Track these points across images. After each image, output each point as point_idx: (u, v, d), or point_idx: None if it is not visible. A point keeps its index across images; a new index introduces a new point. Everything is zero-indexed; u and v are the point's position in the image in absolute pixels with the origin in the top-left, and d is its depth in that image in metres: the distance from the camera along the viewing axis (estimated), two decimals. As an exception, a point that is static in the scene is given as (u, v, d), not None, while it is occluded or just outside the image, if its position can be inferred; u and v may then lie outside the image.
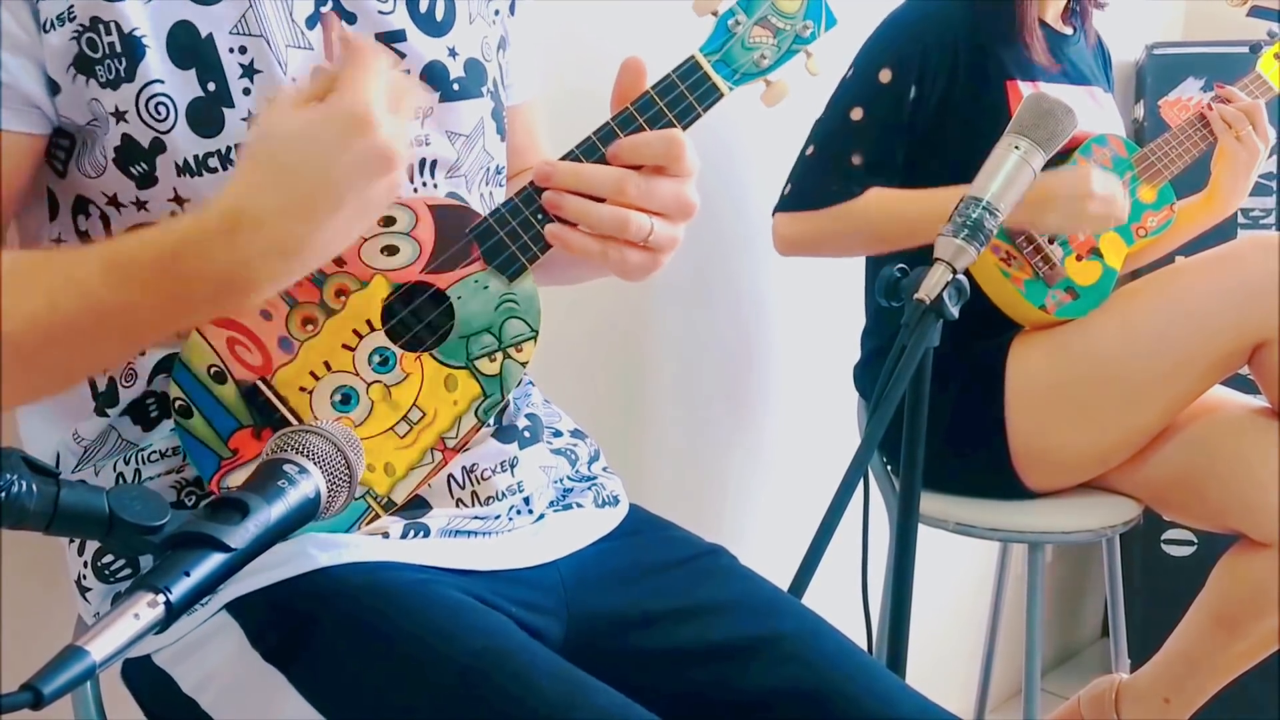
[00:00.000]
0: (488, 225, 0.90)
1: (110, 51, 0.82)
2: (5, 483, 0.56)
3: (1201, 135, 1.75)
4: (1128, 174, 1.70)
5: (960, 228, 1.09)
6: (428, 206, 0.89)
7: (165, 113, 0.83)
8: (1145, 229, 1.72)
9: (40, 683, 0.51)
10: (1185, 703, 1.69)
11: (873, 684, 0.90)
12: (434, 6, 0.96)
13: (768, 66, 0.94)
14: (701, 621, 0.94)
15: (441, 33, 0.96)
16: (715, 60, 0.92)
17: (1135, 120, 2.59)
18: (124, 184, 0.85)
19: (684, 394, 1.85)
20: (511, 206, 0.89)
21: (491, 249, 0.90)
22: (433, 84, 0.94)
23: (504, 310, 0.90)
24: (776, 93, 0.95)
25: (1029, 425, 1.63)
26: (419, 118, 0.94)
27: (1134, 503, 1.69)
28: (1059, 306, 1.62)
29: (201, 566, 0.58)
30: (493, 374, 0.90)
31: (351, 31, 0.91)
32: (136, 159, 0.84)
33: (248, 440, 0.86)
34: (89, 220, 0.88)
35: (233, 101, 0.85)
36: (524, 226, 0.89)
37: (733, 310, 1.92)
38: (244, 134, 0.85)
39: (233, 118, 0.85)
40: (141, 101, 0.83)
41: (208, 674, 0.86)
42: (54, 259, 0.81)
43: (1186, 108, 2.46)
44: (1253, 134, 1.71)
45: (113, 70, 0.82)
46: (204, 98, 0.84)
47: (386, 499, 0.89)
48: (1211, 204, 1.79)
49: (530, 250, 0.90)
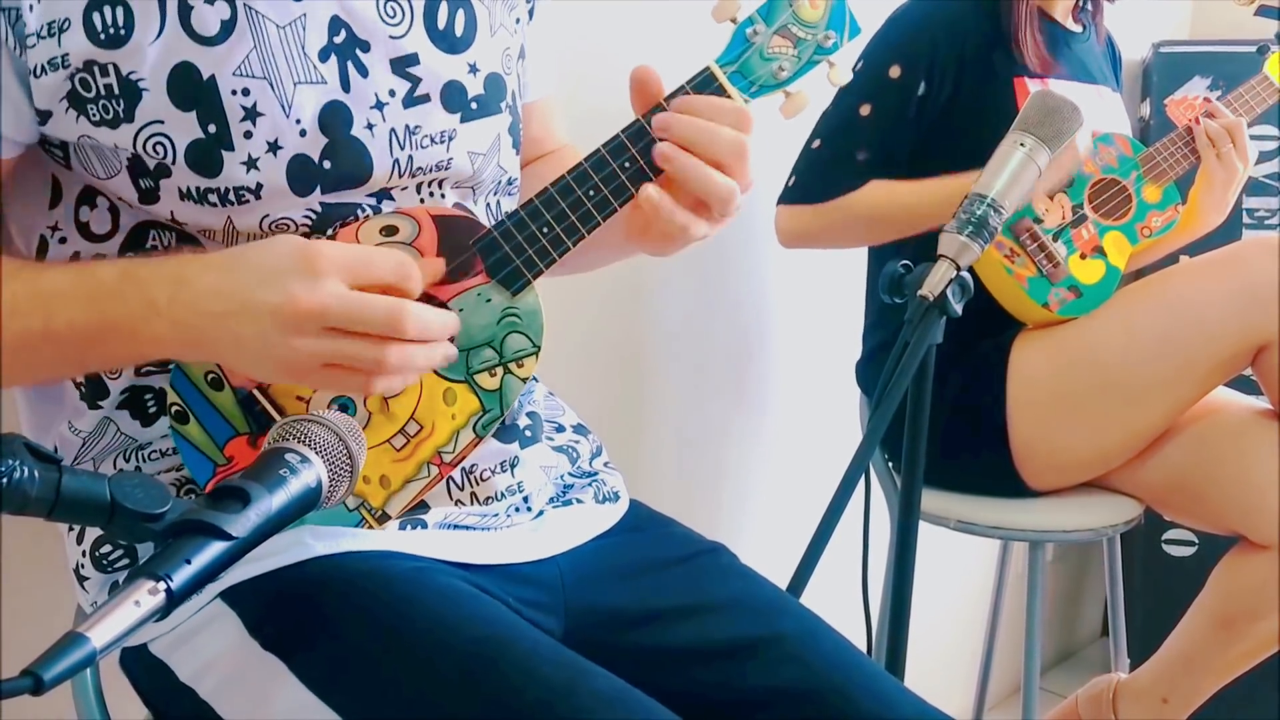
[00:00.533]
0: (492, 238, 0.87)
1: (106, 93, 0.81)
2: (7, 469, 0.56)
3: (1193, 149, 1.72)
4: (1133, 173, 1.70)
5: (965, 224, 1.09)
6: (431, 216, 0.87)
7: (163, 151, 0.82)
8: (1150, 229, 1.71)
9: (40, 668, 0.51)
10: (1183, 703, 1.69)
11: (871, 686, 0.90)
12: (453, 22, 0.93)
13: (786, 79, 0.91)
14: (700, 620, 0.94)
15: (461, 49, 0.93)
16: (732, 72, 0.89)
17: (1141, 119, 2.58)
18: (131, 193, 0.85)
19: (685, 389, 1.85)
20: (517, 220, 0.87)
21: (496, 263, 0.87)
22: (451, 105, 0.92)
23: (506, 324, 0.88)
24: (796, 104, 0.92)
25: (1030, 424, 1.62)
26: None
27: (1135, 502, 1.69)
28: (1062, 304, 1.62)
29: (203, 554, 0.58)
30: (492, 389, 0.89)
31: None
32: (144, 175, 0.84)
33: (243, 448, 0.85)
34: (94, 211, 0.87)
35: (233, 145, 0.83)
36: (529, 240, 0.87)
37: (734, 306, 1.92)
38: (242, 178, 0.83)
39: (231, 160, 0.83)
40: (140, 141, 0.82)
41: (205, 662, 0.86)
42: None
43: (1193, 107, 2.44)
44: (1233, 153, 1.69)
45: (110, 110, 0.81)
46: (203, 140, 0.82)
47: (381, 511, 0.88)
48: (1189, 220, 1.77)
49: (535, 265, 0.87)
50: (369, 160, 0.87)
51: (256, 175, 0.83)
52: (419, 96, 0.89)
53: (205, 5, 0.82)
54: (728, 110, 0.87)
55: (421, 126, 0.90)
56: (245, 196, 0.84)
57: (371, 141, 0.87)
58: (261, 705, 0.82)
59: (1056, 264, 1.62)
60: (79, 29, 0.79)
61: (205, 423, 0.85)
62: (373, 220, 0.87)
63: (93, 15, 0.80)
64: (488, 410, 0.89)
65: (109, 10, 0.80)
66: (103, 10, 0.80)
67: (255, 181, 0.84)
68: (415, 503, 0.89)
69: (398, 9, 0.89)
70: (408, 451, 0.88)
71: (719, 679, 0.91)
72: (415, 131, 0.89)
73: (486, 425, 0.89)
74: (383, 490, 0.88)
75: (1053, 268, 1.62)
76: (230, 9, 0.83)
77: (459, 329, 0.85)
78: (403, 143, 0.89)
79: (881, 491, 1.75)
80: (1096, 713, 1.77)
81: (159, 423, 0.89)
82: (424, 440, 0.88)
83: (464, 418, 0.89)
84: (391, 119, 0.88)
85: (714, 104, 0.88)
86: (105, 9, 0.80)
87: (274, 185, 0.84)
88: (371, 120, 0.87)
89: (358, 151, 0.87)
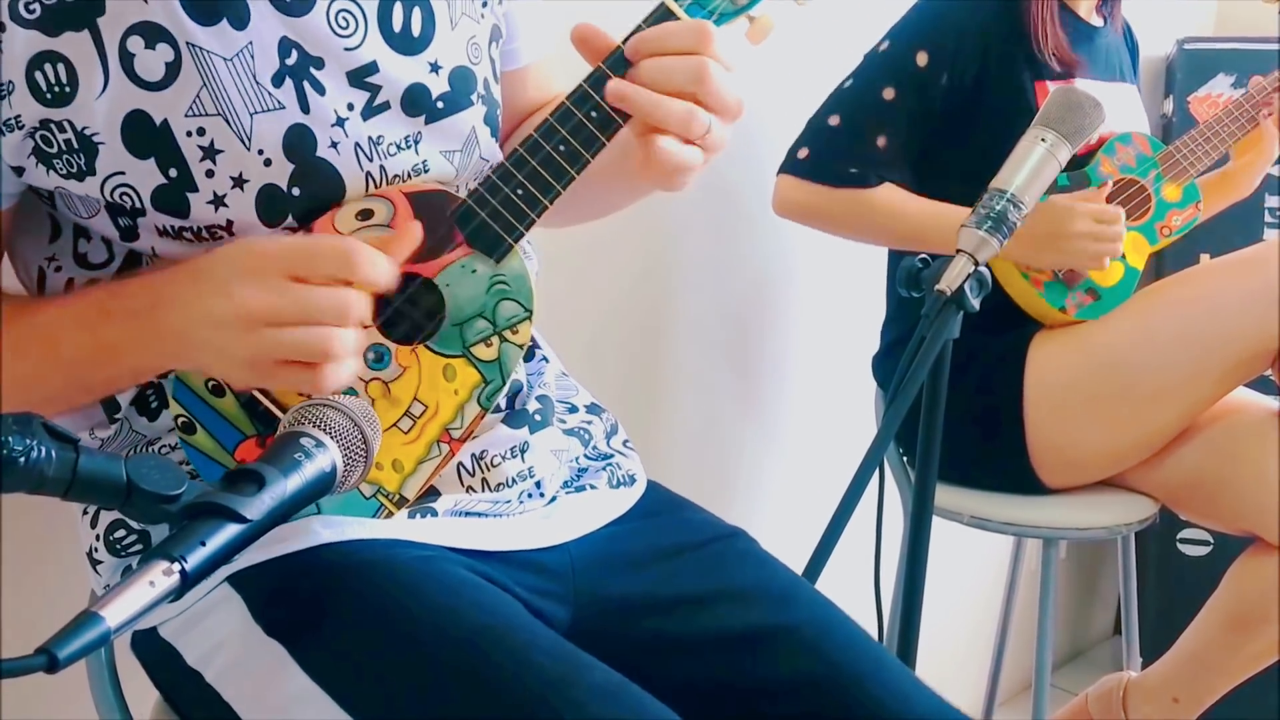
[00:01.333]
0: (468, 207, 0.86)
1: (67, 148, 0.80)
2: (25, 448, 0.56)
3: (1240, 124, 1.72)
4: (1152, 172, 1.69)
5: (983, 219, 1.08)
6: (404, 195, 0.87)
7: (130, 200, 0.82)
8: (1170, 228, 1.70)
9: (55, 647, 0.52)
10: (1194, 703, 1.68)
11: (887, 678, 0.89)
12: (409, 22, 0.90)
13: (745, 3, 0.88)
14: (714, 608, 0.93)
15: (420, 49, 0.91)
16: (689, 4, 0.87)
17: (1164, 115, 2.57)
18: (112, 231, 0.85)
19: (699, 378, 1.85)
20: (490, 185, 0.86)
21: (475, 231, 0.86)
22: (414, 109, 0.90)
23: (495, 293, 0.88)
24: (761, 28, 0.89)
25: (1047, 421, 1.62)
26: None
27: (1150, 501, 1.68)
28: (1079, 308, 1.61)
29: (217, 537, 0.59)
30: (490, 359, 0.88)
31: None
32: (121, 214, 0.84)
33: (252, 450, 0.85)
34: (90, 243, 0.89)
35: (196, 186, 0.82)
36: (505, 204, 0.86)
37: (752, 296, 1.92)
38: (211, 216, 0.83)
39: (197, 201, 0.82)
40: (107, 191, 0.82)
41: (211, 646, 0.86)
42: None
43: (1216, 104, 2.43)
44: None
45: (74, 165, 0.81)
46: (166, 185, 0.82)
47: (398, 495, 0.88)
48: (1234, 182, 1.78)
49: (514, 228, 0.86)
50: (340, 179, 0.87)
51: (225, 212, 0.83)
52: (378, 106, 0.88)
53: (147, 50, 0.80)
54: (678, 33, 0.85)
55: (384, 136, 0.88)
56: (218, 233, 0.84)
57: (338, 159, 0.86)
58: (264, 690, 0.82)
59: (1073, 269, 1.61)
60: (24, 90, 0.79)
61: (212, 430, 0.85)
62: (347, 206, 0.86)
63: (34, 75, 0.79)
64: (489, 381, 0.89)
65: (50, 69, 0.79)
66: (44, 69, 0.79)
67: (225, 218, 0.83)
68: (430, 483, 0.89)
69: (350, 18, 0.87)
70: (416, 433, 0.88)
71: (732, 668, 0.90)
72: (379, 142, 0.88)
73: (490, 396, 0.89)
74: (396, 474, 0.88)
75: (1069, 272, 1.61)
76: (173, 50, 0.81)
77: (394, 281, 0.82)
78: (369, 154, 0.88)
79: (895, 486, 1.75)
80: (1107, 711, 1.77)
81: (163, 417, 0.90)
82: (430, 420, 0.88)
83: (466, 391, 0.88)
84: (353, 133, 0.87)
85: (664, 33, 0.85)
86: (46, 67, 0.79)
87: (244, 220, 0.84)
88: (335, 138, 0.86)
89: (327, 173, 0.86)
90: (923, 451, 1.20)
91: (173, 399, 0.85)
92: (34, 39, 0.78)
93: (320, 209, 0.86)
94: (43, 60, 0.79)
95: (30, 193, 0.86)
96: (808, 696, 0.88)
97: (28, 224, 0.90)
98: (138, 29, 0.80)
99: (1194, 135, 1.73)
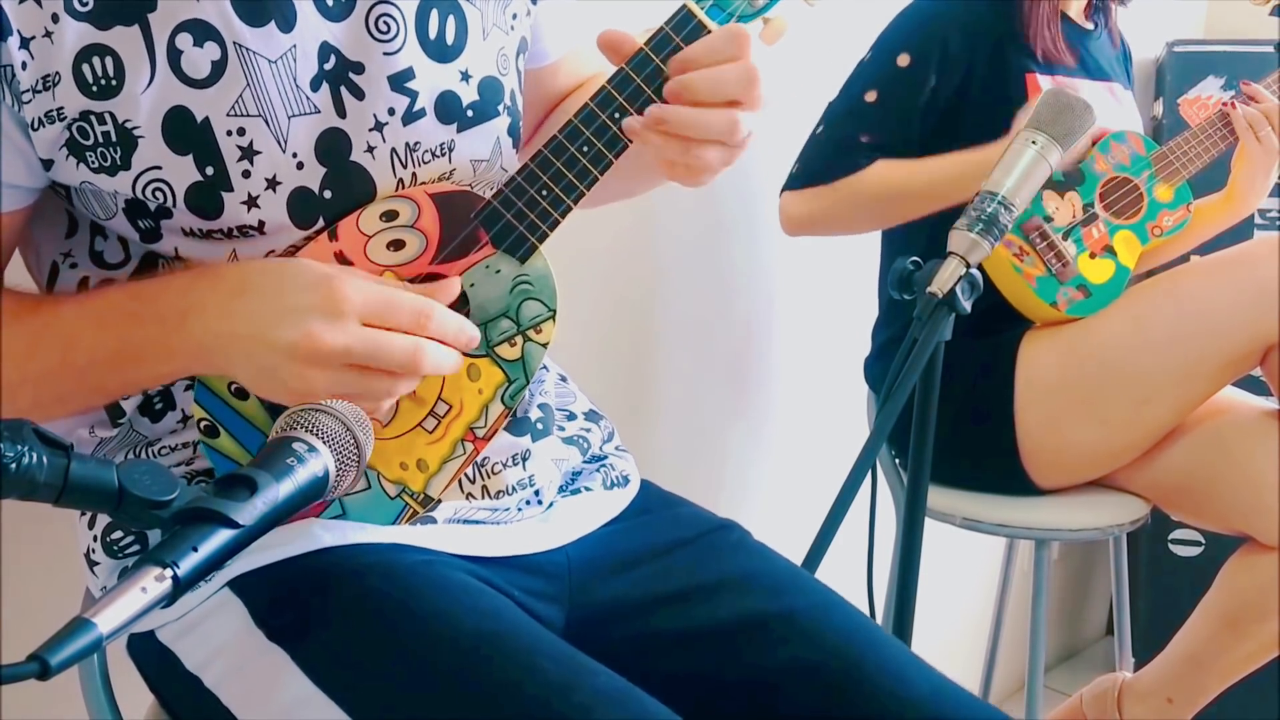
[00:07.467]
0: (493, 208, 0.87)
1: (104, 140, 0.80)
2: (16, 454, 0.56)
3: (1222, 135, 1.73)
4: (1145, 171, 1.70)
5: (975, 222, 1.09)
6: (429, 196, 0.87)
7: (163, 196, 0.82)
8: (1161, 228, 1.71)
9: (47, 653, 0.51)
10: (1188, 703, 1.69)
11: (886, 659, 0.89)
12: (444, 30, 0.91)
13: (762, 5, 0.90)
14: (710, 599, 0.93)
15: (453, 57, 0.92)
16: (709, 6, 0.88)
17: (1154, 118, 2.57)
18: (131, 233, 0.85)
19: (690, 380, 1.85)
20: (515, 186, 0.87)
21: (500, 232, 0.87)
22: (447, 117, 0.91)
23: (519, 293, 0.89)
24: (775, 30, 0.91)
25: (1038, 422, 1.62)
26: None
27: (1142, 501, 1.69)
28: (1070, 304, 1.62)
29: (209, 542, 0.58)
30: (514, 359, 0.89)
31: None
32: (143, 216, 0.84)
33: None
34: (107, 242, 0.88)
35: (231, 185, 0.82)
36: (530, 205, 0.87)
37: (744, 299, 1.92)
38: (243, 216, 0.83)
39: (232, 200, 0.83)
40: (138, 187, 0.81)
41: (210, 651, 0.86)
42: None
43: (1206, 106, 2.44)
44: (1272, 136, 1.70)
45: (107, 158, 0.81)
46: (202, 182, 0.82)
47: (423, 495, 0.88)
48: (1230, 204, 1.78)
49: (538, 228, 0.87)
50: (373, 183, 0.87)
51: (258, 213, 0.83)
52: (416, 112, 0.88)
53: (195, 48, 0.81)
54: (722, 43, 0.86)
55: (421, 142, 0.89)
56: (250, 233, 0.84)
57: (373, 164, 0.87)
58: (265, 695, 0.82)
59: (1065, 263, 1.61)
60: (70, 82, 0.79)
61: (236, 434, 0.85)
62: (372, 206, 0.86)
63: (82, 67, 0.79)
64: (513, 380, 0.89)
65: (98, 61, 0.79)
66: (91, 62, 0.79)
67: (257, 219, 0.83)
68: (455, 480, 0.89)
69: (390, 23, 0.88)
70: (440, 432, 0.88)
71: (730, 659, 0.90)
72: (416, 148, 0.88)
73: (514, 395, 0.89)
74: (421, 474, 0.88)
75: (1061, 267, 1.61)
76: (220, 49, 0.81)
77: (477, 343, 0.84)
78: (405, 161, 0.88)
79: (888, 487, 1.75)
80: (1101, 712, 1.77)
81: (167, 418, 0.90)
82: (455, 419, 0.88)
83: (490, 391, 0.89)
84: (391, 139, 0.87)
85: (709, 46, 0.86)
86: (95, 60, 0.79)
87: (275, 221, 0.84)
88: (371, 142, 0.86)
89: (360, 177, 0.86)
90: (915, 453, 1.21)
91: (195, 403, 0.85)
92: (85, 31, 0.79)
93: (351, 212, 0.86)
94: (91, 53, 0.79)
95: (49, 189, 0.86)
96: (807, 682, 0.88)
97: (44, 218, 0.89)
98: (187, 26, 0.81)
99: (1186, 137, 1.73)
